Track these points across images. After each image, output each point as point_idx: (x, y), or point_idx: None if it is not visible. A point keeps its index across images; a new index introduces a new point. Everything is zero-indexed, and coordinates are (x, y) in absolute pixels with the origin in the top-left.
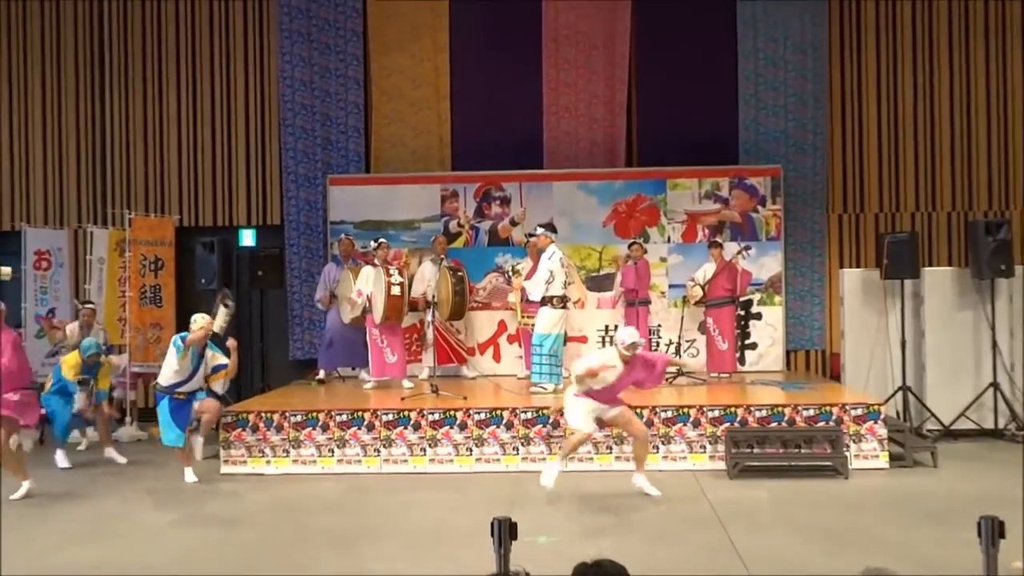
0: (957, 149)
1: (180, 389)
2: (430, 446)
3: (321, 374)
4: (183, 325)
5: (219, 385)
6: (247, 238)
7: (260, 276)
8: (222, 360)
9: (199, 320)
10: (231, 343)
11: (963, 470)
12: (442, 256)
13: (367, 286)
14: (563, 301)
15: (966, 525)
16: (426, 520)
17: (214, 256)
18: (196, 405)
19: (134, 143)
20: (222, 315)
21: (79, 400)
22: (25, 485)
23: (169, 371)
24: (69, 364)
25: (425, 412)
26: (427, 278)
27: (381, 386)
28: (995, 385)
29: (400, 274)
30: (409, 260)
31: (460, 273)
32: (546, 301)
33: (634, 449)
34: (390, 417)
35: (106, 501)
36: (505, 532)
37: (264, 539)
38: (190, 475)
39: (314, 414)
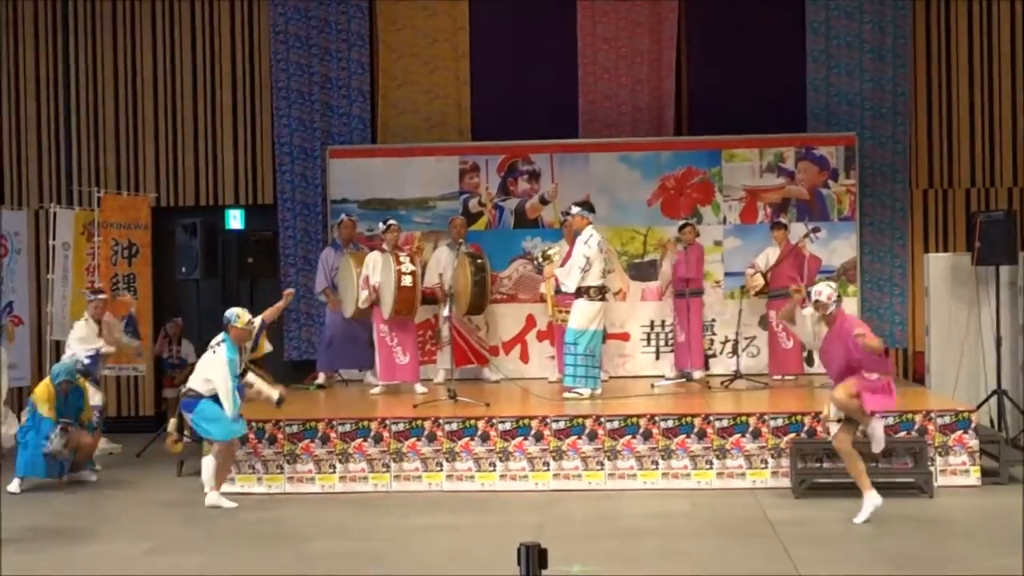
0: None
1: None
2: (447, 460)
3: (321, 377)
4: (160, 321)
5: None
6: (235, 220)
7: (250, 264)
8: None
9: (242, 315)
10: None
11: None
12: (460, 240)
13: (374, 275)
14: (601, 292)
15: None
16: (443, 546)
17: (197, 241)
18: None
19: (103, 110)
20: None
21: (53, 442)
22: None
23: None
24: (41, 398)
25: (441, 421)
26: (443, 266)
27: (390, 391)
28: None
29: (412, 261)
30: (422, 245)
31: (481, 260)
32: (582, 292)
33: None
34: (401, 427)
35: (69, 526)
36: (534, 560)
37: (254, 569)
38: (217, 499)
39: (313, 424)
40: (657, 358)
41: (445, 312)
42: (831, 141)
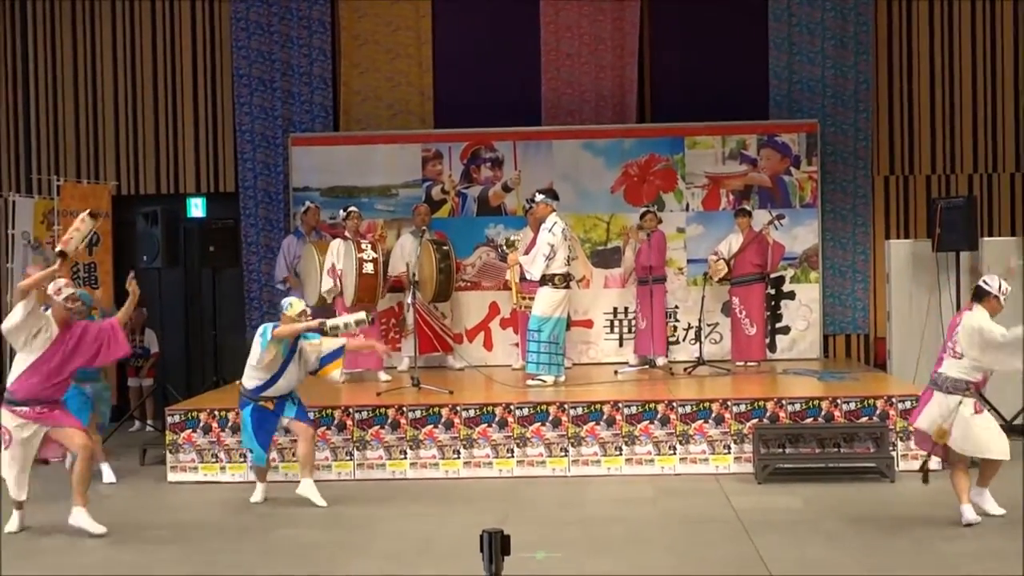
0: (1023, 101)
1: (265, 393)
2: (411, 448)
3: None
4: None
5: (337, 373)
6: (196, 208)
7: (212, 252)
8: (333, 346)
9: (295, 304)
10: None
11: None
12: (424, 228)
13: (338, 262)
14: (566, 280)
15: None
16: (408, 534)
17: (158, 229)
18: (284, 421)
19: (63, 97)
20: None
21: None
22: None
23: (251, 370)
24: None
25: (405, 409)
26: (407, 253)
27: (354, 379)
28: None
29: (374, 249)
30: (385, 232)
31: (445, 247)
32: (546, 280)
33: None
34: (364, 415)
35: (29, 514)
36: (496, 547)
37: (218, 559)
38: (259, 494)
39: (329, 411)
40: (620, 345)
41: (409, 300)
42: (793, 128)
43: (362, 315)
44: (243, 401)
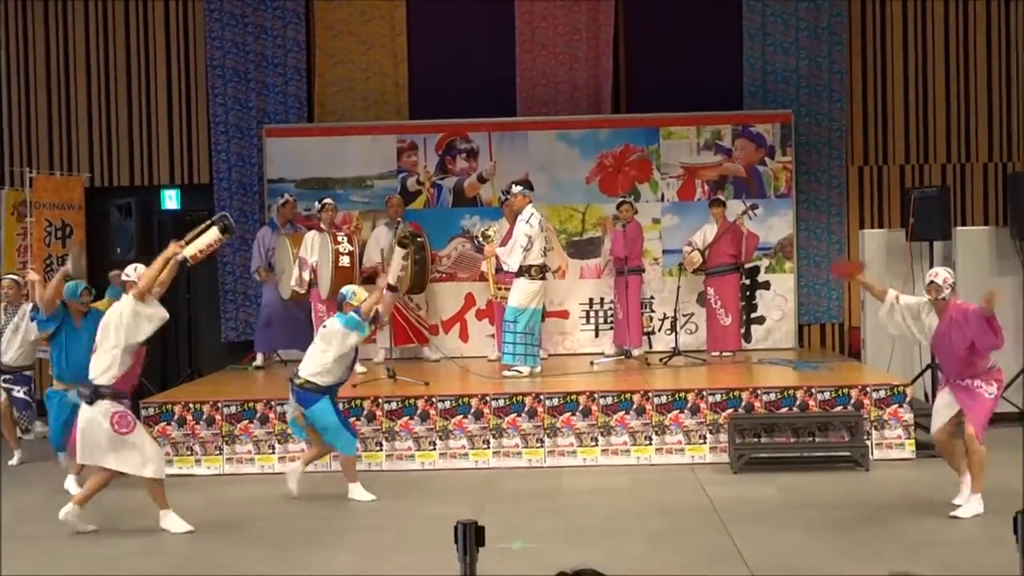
0: (995, 92)
1: (341, 385)
2: (387, 440)
3: (259, 358)
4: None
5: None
6: (170, 200)
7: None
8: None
9: (359, 293)
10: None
11: (1001, 460)
12: (399, 219)
13: (312, 255)
14: (542, 271)
15: (1003, 522)
16: (382, 525)
17: (132, 221)
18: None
19: (35, 88)
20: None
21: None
22: None
23: (332, 365)
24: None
25: (381, 400)
26: (382, 245)
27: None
28: None
29: (349, 241)
30: (361, 224)
31: (420, 239)
32: (522, 271)
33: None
34: (340, 407)
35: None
36: (471, 538)
37: (194, 551)
38: (361, 492)
39: (251, 404)
40: (596, 336)
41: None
42: (767, 118)
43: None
44: (316, 397)
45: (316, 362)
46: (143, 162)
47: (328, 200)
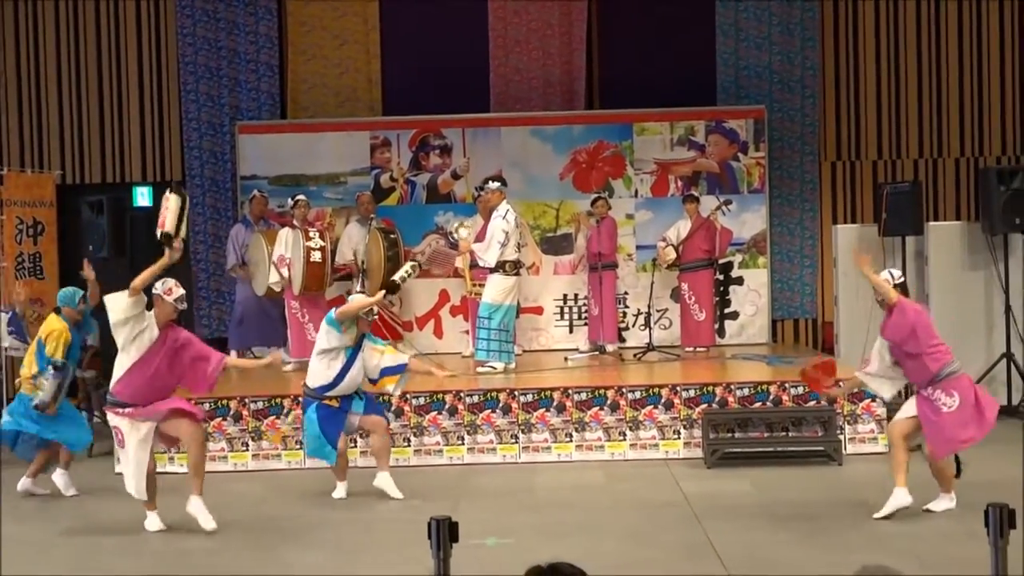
0: (967, 87)
1: (331, 392)
2: (361, 436)
3: (232, 355)
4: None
5: (393, 387)
6: (142, 197)
7: (159, 242)
8: (396, 359)
9: (357, 298)
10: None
11: (973, 453)
12: (372, 216)
13: (287, 251)
14: (516, 267)
15: (975, 515)
16: (357, 522)
17: (104, 218)
18: (355, 419)
19: (5, 84)
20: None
21: (44, 387)
22: None
23: (317, 364)
24: (53, 334)
25: None
26: (355, 242)
27: (303, 368)
28: (1009, 355)
29: (322, 237)
30: (334, 221)
31: (394, 235)
32: (498, 267)
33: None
34: (329, 415)
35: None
36: (444, 534)
37: (168, 548)
38: (341, 491)
39: (224, 402)
40: (571, 331)
41: (358, 288)
42: (741, 114)
43: (415, 262)
44: (306, 401)
45: (311, 363)
46: (115, 159)
47: (301, 197)
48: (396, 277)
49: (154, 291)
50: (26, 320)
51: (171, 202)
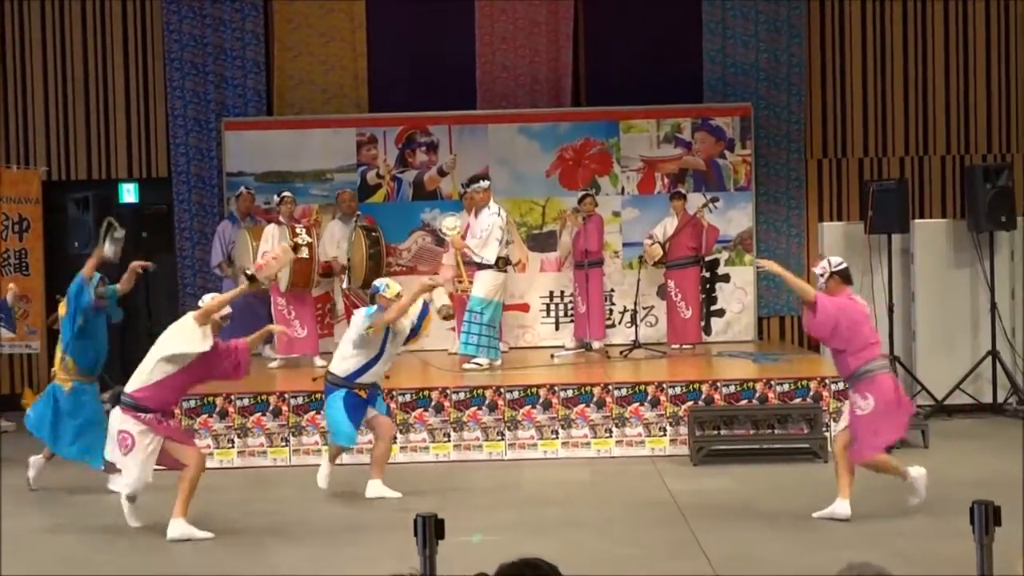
0: (953, 85)
1: (360, 380)
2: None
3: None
4: (53, 296)
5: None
6: (128, 194)
7: (145, 238)
8: (417, 311)
9: (392, 286)
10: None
11: (957, 451)
12: (357, 213)
13: (273, 247)
14: (507, 263)
15: (960, 512)
16: (343, 519)
17: (89, 215)
18: (371, 414)
19: None
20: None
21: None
22: None
23: (348, 352)
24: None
25: None
26: (337, 240)
27: (289, 364)
28: (994, 353)
29: (308, 233)
30: (320, 217)
31: (376, 233)
32: (488, 263)
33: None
34: (300, 401)
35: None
36: (430, 531)
37: (155, 544)
38: (325, 471)
39: (211, 399)
40: (557, 329)
41: (344, 285)
42: (727, 112)
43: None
44: (330, 388)
45: (338, 352)
46: (101, 156)
47: (287, 193)
48: (442, 313)
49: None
50: (15, 312)
51: (285, 255)
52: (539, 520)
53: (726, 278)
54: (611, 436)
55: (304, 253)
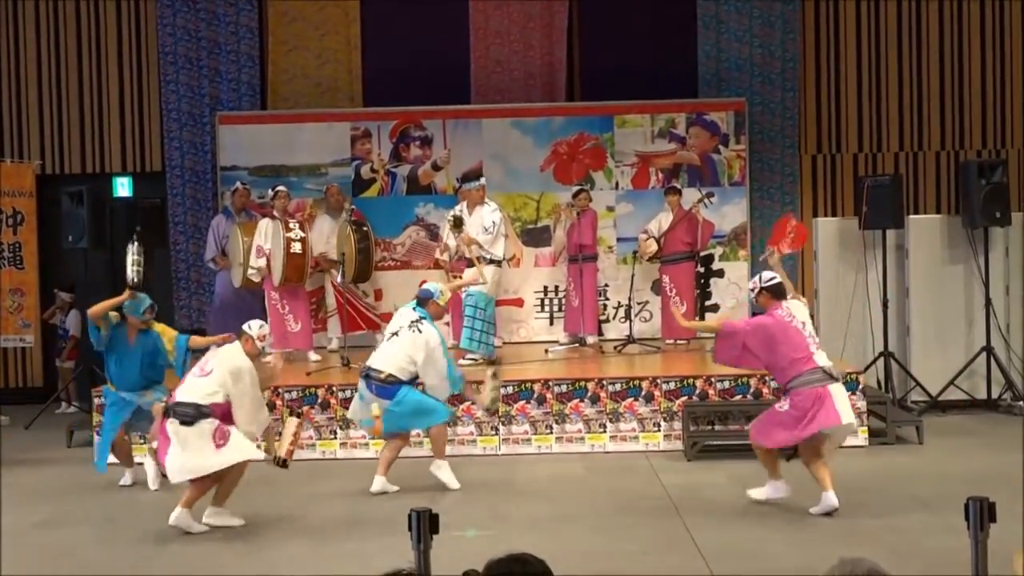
0: (947, 80)
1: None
2: (341, 428)
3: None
4: (48, 290)
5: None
6: (122, 187)
7: (138, 232)
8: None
9: (445, 292)
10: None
11: (952, 446)
12: (351, 207)
13: (266, 242)
14: (503, 258)
15: (954, 508)
16: (336, 514)
17: (83, 209)
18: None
19: None
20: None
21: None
22: None
23: (405, 361)
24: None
25: (335, 389)
26: (326, 234)
27: (283, 359)
28: (988, 349)
29: (302, 228)
30: (315, 212)
31: (365, 228)
32: (488, 259)
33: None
34: (294, 395)
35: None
36: (424, 525)
37: (149, 538)
38: (448, 474)
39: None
40: (551, 324)
41: (339, 279)
42: (721, 107)
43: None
44: (397, 387)
45: (403, 359)
46: (95, 149)
47: (281, 188)
48: (488, 403)
49: (247, 329)
50: (3, 310)
51: (290, 426)
52: (533, 515)
53: (720, 273)
54: (605, 431)
55: (297, 248)
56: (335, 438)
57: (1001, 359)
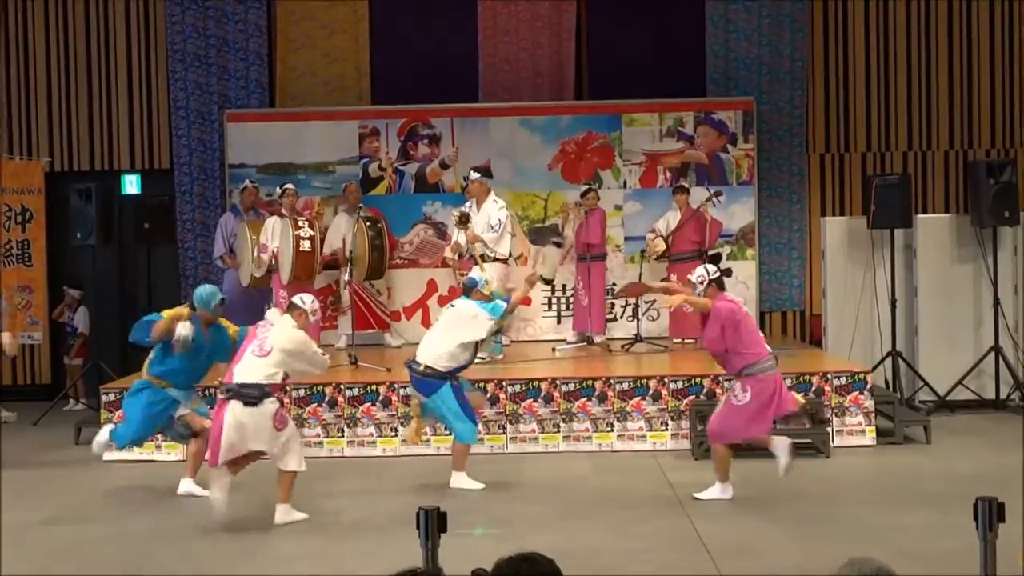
0: (956, 79)
1: (459, 373)
2: (348, 426)
3: None
4: (57, 287)
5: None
6: (131, 185)
7: (147, 229)
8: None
9: (491, 281)
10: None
11: (960, 446)
12: (359, 205)
13: (272, 240)
14: (507, 256)
15: (962, 508)
16: (343, 512)
17: (92, 206)
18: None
19: None
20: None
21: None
22: None
23: (459, 350)
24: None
25: (343, 387)
26: (342, 231)
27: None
28: (997, 349)
29: (311, 226)
30: (323, 210)
31: (379, 225)
32: (488, 257)
33: None
34: (302, 393)
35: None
36: (433, 524)
37: (152, 535)
38: (466, 481)
39: (211, 391)
40: (559, 322)
41: (346, 277)
42: (730, 106)
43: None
44: (435, 383)
45: (440, 346)
46: (103, 147)
47: (289, 185)
48: (547, 274)
49: (299, 302)
50: (11, 307)
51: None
52: (540, 514)
53: (728, 272)
54: (612, 430)
55: (307, 246)
56: (342, 436)
57: (1010, 359)
